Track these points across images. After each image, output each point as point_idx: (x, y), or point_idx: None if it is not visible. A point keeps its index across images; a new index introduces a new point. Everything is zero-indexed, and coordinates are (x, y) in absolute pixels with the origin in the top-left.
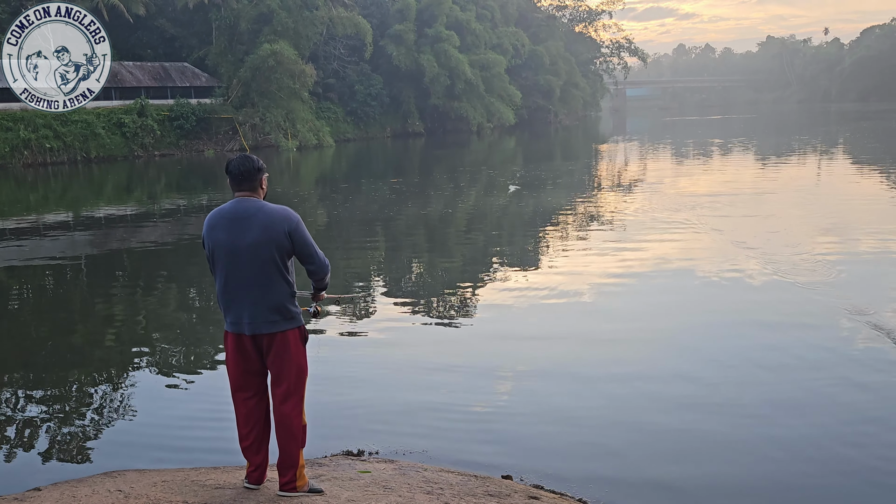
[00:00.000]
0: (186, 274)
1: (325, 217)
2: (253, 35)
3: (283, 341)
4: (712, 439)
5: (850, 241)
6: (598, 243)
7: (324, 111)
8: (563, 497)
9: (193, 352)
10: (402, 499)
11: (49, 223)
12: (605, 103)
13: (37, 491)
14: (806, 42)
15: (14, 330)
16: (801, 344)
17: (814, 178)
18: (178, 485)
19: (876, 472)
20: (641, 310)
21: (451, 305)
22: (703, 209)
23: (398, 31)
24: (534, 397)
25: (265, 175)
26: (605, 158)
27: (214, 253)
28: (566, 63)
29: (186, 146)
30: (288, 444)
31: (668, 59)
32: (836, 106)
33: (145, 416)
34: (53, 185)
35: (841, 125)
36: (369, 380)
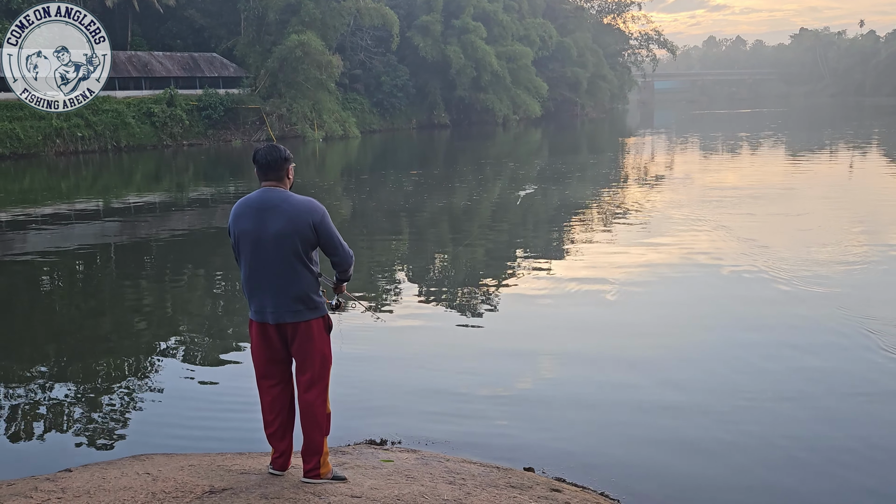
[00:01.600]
0: (213, 263)
1: (350, 207)
2: (281, 26)
3: (307, 330)
4: (738, 435)
5: (876, 245)
6: (622, 238)
7: (350, 102)
8: (586, 490)
9: (220, 339)
10: (425, 488)
11: (80, 211)
12: (633, 96)
13: (68, 472)
14: (840, 34)
15: (45, 315)
16: (829, 349)
17: (845, 174)
18: (204, 469)
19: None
20: (667, 305)
21: (474, 296)
22: (726, 206)
23: (425, 22)
24: (558, 390)
25: (292, 165)
26: (631, 152)
27: (239, 242)
28: (594, 55)
29: (214, 136)
30: (312, 431)
31: (698, 51)
32: (871, 100)
33: (173, 401)
34: (84, 173)
35: (875, 119)
36: (392, 369)
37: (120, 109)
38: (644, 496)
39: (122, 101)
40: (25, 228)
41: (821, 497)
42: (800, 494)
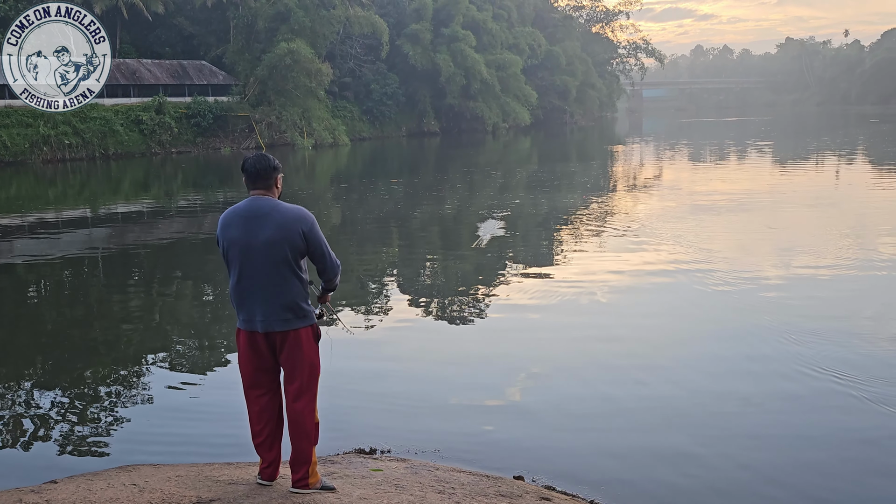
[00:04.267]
0: (201, 271)
1: (330, 215)
2: (270, 34)
3: (295, 339)
4: (728, 443)
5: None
6: (611, 246)
7: (340, 110)
8: (575, 498)
9: (208, 348)
10: (414, 497)
11: (67, 219)
12: (622, 104)
13: (53, 483)
14: (825, 44)
15: (31, 324)
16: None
17: (831, 183)
18: (191, 480)
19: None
20: (656, 311)
21: (463, 304)
22: (710, 215)
23: (415, 30)
24: (546, 398)
25: (280, 174)
26: (619, 160)
27: (228, 251)
28: (582, 63)
29: (203, 143)
30: (300, 441)
31: (686, 60)
32: (856, 109)
33: (160, 411)
34: (72, 180)
35: (860, 128)
36: (382, 378)
37: (108, 117)
38: (633, 503)
39: (111, 108)
40: (11, 236)
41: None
42: (785, 501)
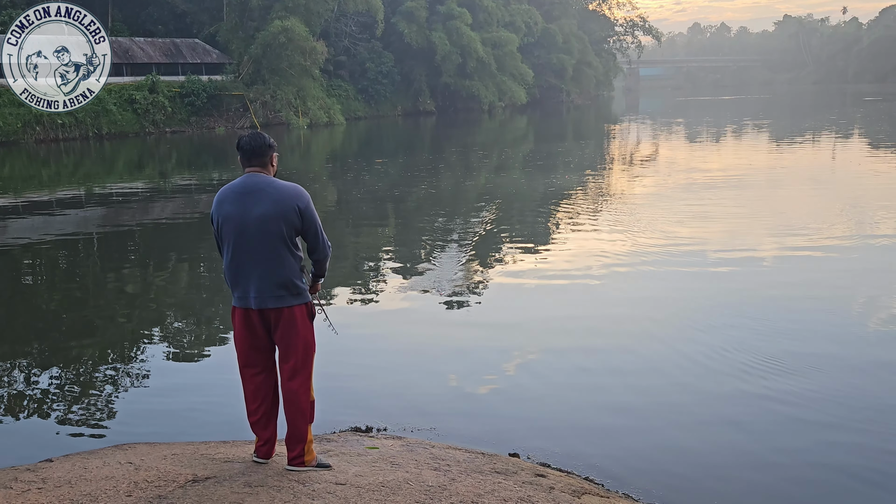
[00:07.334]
0: (197, 250)
1: (334, 195)
2: (264, 11)
3: (290, 317)
4: (722, 423)
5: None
6: (605, 226)
7: (335, 89)
8: (570, 475)
9: (203, 327)
10: (410, 475)
11: (61, 199)
12: (618, 83)
13: (49, 462)
14: (823, 21)
15: (27, 304)
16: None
17: (827, 162)
18: (187, 458)
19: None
20: (650, 294)
21: (460, 285)
22: (713, 192)
23: (410, 7)
24: (542, 377)
25: (275, 153)
26: (616, 139)
27: (223, 227)
28: (579, 41)
29: (197, 123)
30: (296, 419)
31: (683, 38)
32: (853, 87)
33: (156, 390)
34: (65, 161)
35: (856, 107)
36: (378, 357)
37: (101, 96)
38: (627, 480)
39: (104, 87)
40: (5, 217)
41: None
42: (781, 489)
